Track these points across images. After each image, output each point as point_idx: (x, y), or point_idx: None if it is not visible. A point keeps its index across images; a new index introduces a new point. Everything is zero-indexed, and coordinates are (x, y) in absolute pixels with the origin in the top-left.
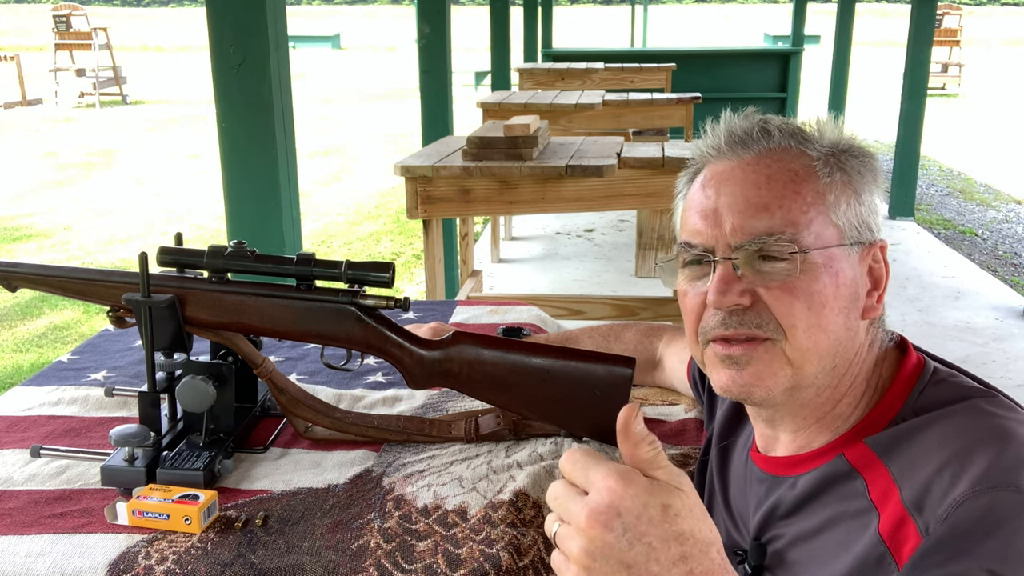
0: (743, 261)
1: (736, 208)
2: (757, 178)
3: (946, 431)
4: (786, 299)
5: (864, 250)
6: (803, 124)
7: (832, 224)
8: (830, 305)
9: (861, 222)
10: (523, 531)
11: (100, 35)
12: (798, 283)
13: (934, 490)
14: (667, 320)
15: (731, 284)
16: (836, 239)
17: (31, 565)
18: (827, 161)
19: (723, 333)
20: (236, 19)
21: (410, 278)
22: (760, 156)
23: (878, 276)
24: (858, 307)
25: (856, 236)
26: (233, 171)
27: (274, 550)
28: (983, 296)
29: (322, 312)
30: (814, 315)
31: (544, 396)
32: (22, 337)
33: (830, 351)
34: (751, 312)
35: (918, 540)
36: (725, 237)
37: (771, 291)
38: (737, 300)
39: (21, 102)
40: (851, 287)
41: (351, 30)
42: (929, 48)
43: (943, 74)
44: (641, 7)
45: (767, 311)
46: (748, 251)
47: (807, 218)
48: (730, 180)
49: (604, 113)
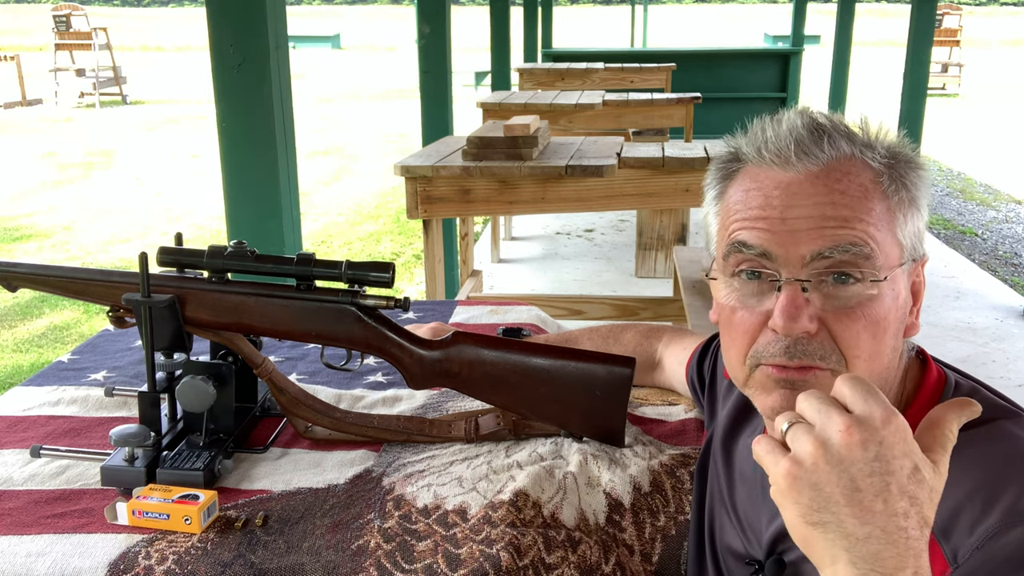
0: (814, 284)
1: (812, 222)
2: (831, 192)
3: (974, 455)
4: (854, 327)
5: (913, 266)
6: (855, 127)
7: (898, 243)
8: (890, 330)
9: (917, 238)
10: (523, 531)
11: (100, 35)
12: (866, 310)
13: (963, 517)
14: (667, 320)
15: (801, 309)
16: (899, 258)
17: (31, 565)
18: (891, 175)
19: (786, 362)
20: (236, 19)
21: (410, 278)
22: (828, 168)
23: (917, 291)
24: (903, 325)
25: (913, 253)
26: (233, 171)
27: (274, 550)
28: (983, 296)
29: (322, 312)
30: (877, 343)
31: (544, 396)
32: (22, 337)
33: (880, 374)
34: (815, 341)
35: (944, 567)
36: (798, 250)
37: (839, 319)
38: (807, 327)
39: (21, 102)
40: (904, 308)
41: (351, 30)
42: (929, 48)
43: (943, 74)
44: (641, 7)
45: (830, 341)
46: (820, 269)
47: (881, 236)
48: (799, 192)
49: (604, 113)
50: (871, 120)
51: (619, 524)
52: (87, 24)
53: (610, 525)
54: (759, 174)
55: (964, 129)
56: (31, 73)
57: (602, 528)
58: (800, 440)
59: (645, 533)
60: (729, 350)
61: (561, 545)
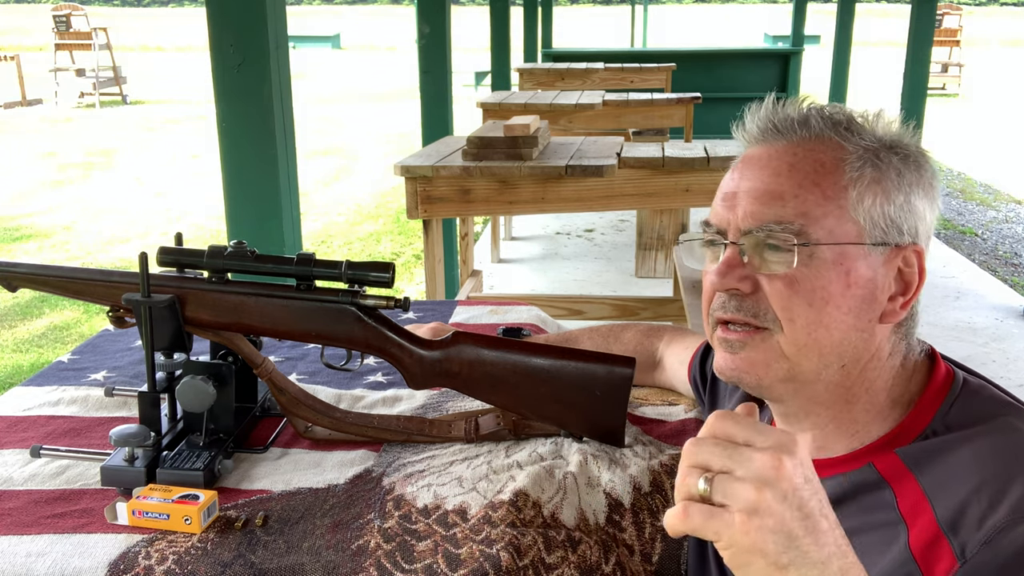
0: (749, 248)
1: (752, 194)
2: (780, 166)
3: (982, 450)
4: (786, 292)
5: (891, 252)
6: (858, 115)
7: (851, 220)
8: (835, 302)
9: (889, 222)
10: (523, 531)
11: (100, 35)
12: (800, 277)
13: (970, 511)
14: (667, 320)
15: (733, 268)
16: (854, 236)
17: (31, 565)
18: (862, 155)
19: (722, 316)
20: (236, 19)
21: (410, 278)
22: (792, 144)
23: (908, 281)
24: (875, 309)
25: (881, 236)
26: (233, 171)
27: (274, 550)
28: (983, 296)
29: (322, 312)
30: (815, 311)
31: (544, 396)
32: (22, 337)
33: (834, 349)
34: (750, 299)
35: (952, 562)
36: (736, 221)
37: (772, 282)
38: (736, 284)
39: (21, 102)
40: (866, 287)
41: (351, 30)
42: (929, 48)
43: (943, 74)
44: (641, 7)
45: (766, 301)
46: (755, 238)
47: (822, 211)
48: (755, 165)
49: (604, 113)
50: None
51: (619, 524)
52: (87, 24)
53: (610, 525)
54: (744, 155)
55: (964, 129)
56: (31, 73)
57: (602, 528)
58: (735, 489)
59: (645, 533)
60: (703, 314)
61: (561, 545)
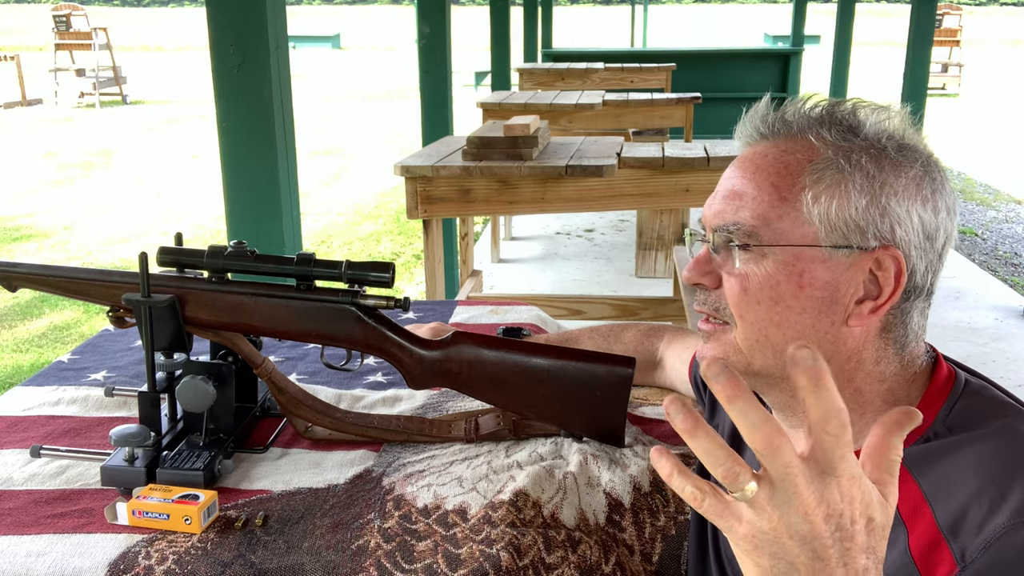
0: (717, 245)
1: (722, 194)
2: (748, 167)
3: (982, 453)
4: (737, 289)
5: (858, 255)
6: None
7: (807, 223)
8: (786, 303)
9: (851, 225)
10: (523, 531)
11: (100, 35)
12: (752, 276)
13: (971, 515)
14: (667, 320)
15: (700, 264)
16: (809, 239)
17: (31, 565)
18: (830, 157)
19: (697, 308)
20: (236, 19)
21: (410, 278)
22: (769, 145)
23: (882, 285)
24: (837, 311)
25: (842, 239)
26: (233, 171)
27: (274, 550)
28: (983, 296)
29: (322, 312)
30: (764, 309)
31: (544, 396)
32: (22, 337)
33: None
34: (714, 295)
35: (952, 566)
36: (708, 219)
37: (728, 279)
38: (699, 279)
39: (21, 102)
40: (824, 290)
41: (351, 30)
42: (929, 48)
43: (943, 74)
44: (641, 7)
45: (725, 297)
46: (720, 236)
47: (776, 213)
48: (734, 165)
49: (604, 113)
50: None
51: (619, 524)
52: (87, 24)
53: (610, 525)
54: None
55: (964, 129)
56: (31, 73)
57: (602, 528)
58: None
59: (645, 533)
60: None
61: (561, 545)
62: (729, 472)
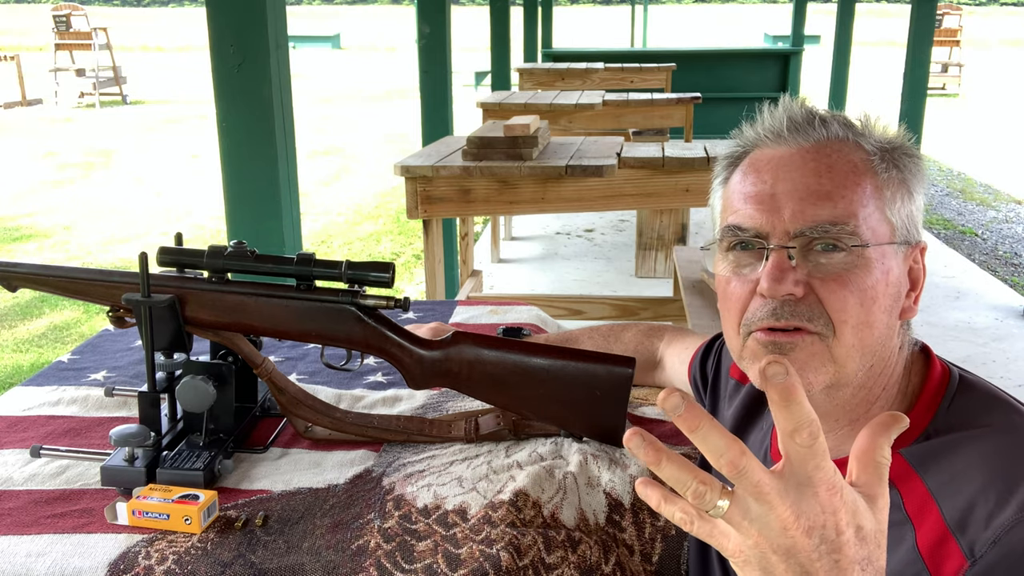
0: (799, 251)
1: (797, 195)
2: (818, 166)
3: (986, 449)
4: (840, 293)
5: (909, 250)
6: (852, 118)
7: (887, 221)
8: (880, 302)
9: (911, 221)
10: (523, 531)
11: (100, 35)
12: (853, 277)
13: (978, 511)
14: (667, 320)
15: (786, 272)
16: (889, 236)
17: (31, 565)
18: (883, 157)
19: (772, 323)
20: (236, 19)
21: (410, 278)
22: (819, 145)
23: (916, 277)
24: (899, 307)
25: (905, 235)
26: (233, 171)
27: (274, 550)
28: (983, 296)
29: (322, 312)
30: (865, 311)
31: (544, 396)
32: (22, 337)
33: (872, 349)
34: (803, 304)
35: (961, 561)
36: (783, 224)
37: (826, 284)
38: (792, 289)
39: (21, 102)
40: (896, 286)
41: (351, 30)
42: (929, 48)
43: (943, 74)
44: (641, 7)
45: (819, 305)
46: (807, 239)
47: (866, 212)
48: (788, 166)
49: (604, 113)
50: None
51: (619, 524)
52: (87, 24)
53: (610, 525)
54: (757, 156)
55: (964, 129)
56: (31, 73)
57: (602, 528)
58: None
59: (645, 533)
60: (726, 322)
61: (561, 545)
62: (695, 492)
